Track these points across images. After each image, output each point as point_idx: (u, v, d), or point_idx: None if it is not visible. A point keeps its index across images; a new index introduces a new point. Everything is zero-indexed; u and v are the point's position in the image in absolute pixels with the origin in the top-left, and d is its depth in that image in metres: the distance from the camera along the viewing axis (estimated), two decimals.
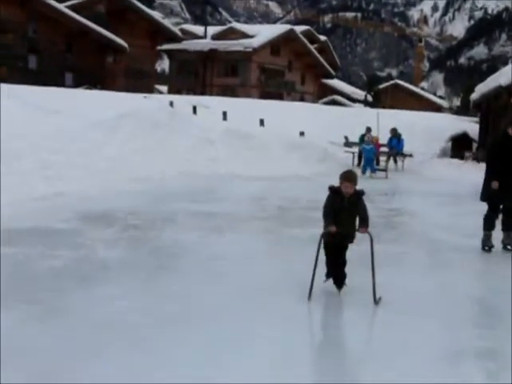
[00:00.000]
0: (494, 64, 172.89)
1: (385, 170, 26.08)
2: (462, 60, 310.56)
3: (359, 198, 7.65)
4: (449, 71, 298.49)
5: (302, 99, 73.42)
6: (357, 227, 7.65)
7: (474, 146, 36.77)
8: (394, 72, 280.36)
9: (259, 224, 12.80)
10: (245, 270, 8.91)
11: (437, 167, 28.65)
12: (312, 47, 79.03)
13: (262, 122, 32.76)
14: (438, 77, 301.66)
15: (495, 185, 10.33)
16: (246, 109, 38.23)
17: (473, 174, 26.50)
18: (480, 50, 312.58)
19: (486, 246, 10.88)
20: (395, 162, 28.88)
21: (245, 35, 73.86)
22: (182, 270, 8.81)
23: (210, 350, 5.83)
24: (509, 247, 10.84)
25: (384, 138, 28.91)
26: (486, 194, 10.79)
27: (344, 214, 7.50)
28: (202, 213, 13.63)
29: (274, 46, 74.89)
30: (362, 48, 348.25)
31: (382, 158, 27.95)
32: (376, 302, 7.40)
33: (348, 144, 31.94)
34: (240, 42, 72.06)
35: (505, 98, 30.62)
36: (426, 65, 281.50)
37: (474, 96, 39.26)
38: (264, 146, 25.54)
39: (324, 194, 18.76)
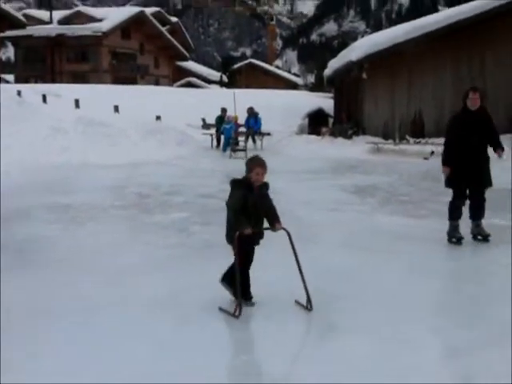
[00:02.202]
0: (344, 40, 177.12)
1: (244, 149, 26.25)
2: (314, 37, 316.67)
3: (266, 190, 6.62)
4: (301, 48, 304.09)
5: (156, 83, 72.92)
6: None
7: (330, 121, 37.59)
8: (248, 51, 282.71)
9: (119, 213, 12.61)
10: (106, 260, 8.75)
11: (295, 144, 29.09)
12: (163, 29, 78.54)
13: (116, 109, 32.34)
14: (292, 54, 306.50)
15: (446, 171, 9.32)
16: (99, 95, 37.66)
17: (330, 149, 27.20)
18: (330, 27, 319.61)
19: (454, 237, 9.57)
20: (254, 141, 29.14)
21: (93, 19, 72.61)
22: (43, 266, 8.50)
23: (75, 348, 5.68)
24: (479, 237, 9.58)
25: (242, 117, 29.10)
26: (450, 179, 9.47)
27: (253, 209, 6.40)
28: (59, 205, 13.29)
29: (125, 29, 73.87)
30: (215, 28, 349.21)
31: (241, 138, 28.16)
32: (309, 305, 6.49)
33: (206, 126, 31.99)
34: (89, 27, 70.69)
35: (356, 72, 31.40)
36: (279, 43, 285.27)
37: (327, 72, 40.10)
38: (120, 132, 25.22)
39: (185, 178, 18.74)
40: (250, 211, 6.33)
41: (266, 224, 6.59)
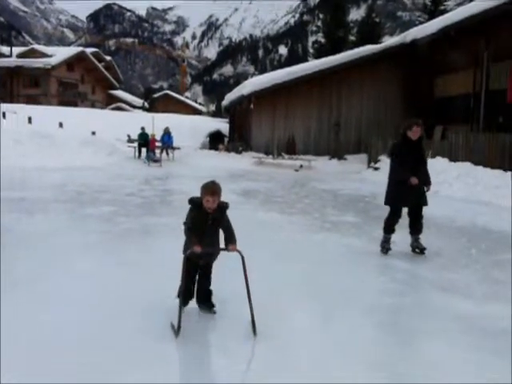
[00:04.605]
0: (238, 79, 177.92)
1: (159, 160, 26.08)
2: (215, 76, 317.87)
3: (223, 212, 5.26)
4: (206, 84, 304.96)
5: (93, 106, 71.61)
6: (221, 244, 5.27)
7: (226, 139, 37.69)
8: (165, 84, 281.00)
9: (61, 206, 12.27)
10: (50, 241, 8.50)
11: (199, 157, 29.04)
12: (100, 65, 77.20)
13: (61, 125, 31.58)
14: (198, 88, 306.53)
15: (415, 181, 8.05)
16: (48, 114, 36.65)
17: (226, 161, 27.28)
18: (228, 69, 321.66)
19: (384, 248, 8.56)
20: (167, 153, 28.92)
21: (44, 55, 70.72)
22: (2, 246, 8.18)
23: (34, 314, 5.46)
24: (417, 250, 8.54)
25: (158, 135, 28.84)
26: (390, 198, 8.50)
27: (208, 231, 5.17)
28: (15, 199, 12.85)
29: (69, 63, 72.26)
30: (140, 66, 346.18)
31: (157, 151, 27.91)
32: (255, 330, 4.95)
33: (130, 140, 31.56)
34: (41, 61, 68.93)
35: (246, 103, 31.61)
36: (189, 79, 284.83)
37: (225, 103, 40.26)
38: (63, 143, 24.64)
39: (113, 180, 18.34)
40: (202, 231, 5.10)
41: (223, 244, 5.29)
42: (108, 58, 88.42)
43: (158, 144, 28.51)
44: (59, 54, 71.97)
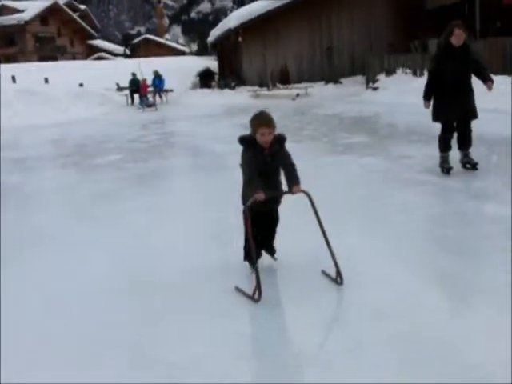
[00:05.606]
0: (217, 15, 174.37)
1: (154, 104, 25.76)
2: (193, 14, 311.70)
3: (282, 146, 4.41)
4: (184, 24, 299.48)
5: (73, 58, 70.28)
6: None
7: (216, 77, 37.16)
8: (143, 29, 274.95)
9: (65, 160, 12.08)
10: (58, 197, 8.39)
11: (193, 97, 28.65)
12: (75, 15, 75.63)
13: (46, 80, 31.01)
14: (177, 29, 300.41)
15: (426, 105, 7.59)
16: (30, 71, 35.91)
17: (219, 98, 26.95)
18: (205, 6, 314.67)
19: (444, 168, 7.77)
20: (160, 97, 28.55)
21: (16, 11, 69.19)
22: (9, 205, 8.06)
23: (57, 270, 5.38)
24: (468, 166, 7.87)
25: (148, 80, 28.37)
26: (439, 114, 7.63)
27: (267, 170, 4.33)
28: (16, 159, 12.67)
29: (43, 17, 70.67)
30: (114, 12, 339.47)
31: (150, 95, 27.52)
32: (339, 278, 4.23)
33: (120, 88, 31.07)
34: (13, 17, 67.46)
35: (233, 37, 31.02)
36: (167, 21, 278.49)
37: (210, 39, 39.39)
38: (51, 98, 24.24)
39: (111, 129, 18.10)
40: (261, 172, 4.26)
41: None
42: (82, 6, 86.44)
43: (149, 89, 28.07)
44: (31, 8, 70.19)
